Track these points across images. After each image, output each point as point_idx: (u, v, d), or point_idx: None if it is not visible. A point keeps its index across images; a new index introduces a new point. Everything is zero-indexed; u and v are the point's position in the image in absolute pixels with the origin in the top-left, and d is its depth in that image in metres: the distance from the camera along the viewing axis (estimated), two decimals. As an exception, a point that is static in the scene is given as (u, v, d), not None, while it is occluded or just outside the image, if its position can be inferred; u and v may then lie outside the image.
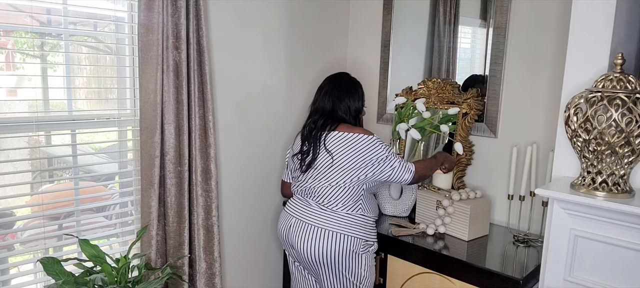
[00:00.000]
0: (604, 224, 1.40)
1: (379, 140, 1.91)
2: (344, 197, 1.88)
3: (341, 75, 2.08)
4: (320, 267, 1.90)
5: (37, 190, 1.89)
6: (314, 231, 1.87)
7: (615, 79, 1.36)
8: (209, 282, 2.11)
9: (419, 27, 2.49)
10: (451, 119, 2.25)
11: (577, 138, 1.42)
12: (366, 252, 1.93)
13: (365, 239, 1.91)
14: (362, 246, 1.90)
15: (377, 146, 1.89)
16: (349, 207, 1.88)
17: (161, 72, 1.87)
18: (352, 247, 1.87)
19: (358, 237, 1.89)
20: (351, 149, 1.87)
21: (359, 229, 1.89)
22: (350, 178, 1.87)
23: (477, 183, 2.27)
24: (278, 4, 2.36)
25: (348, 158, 1.87)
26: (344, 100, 1.99)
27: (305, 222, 1.90)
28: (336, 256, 1.86)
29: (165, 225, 2.01)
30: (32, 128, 1.76)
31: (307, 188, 1.93)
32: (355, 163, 1.87)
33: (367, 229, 1.93)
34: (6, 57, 1.82)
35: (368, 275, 1.94)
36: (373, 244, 1.96)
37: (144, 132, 1.90)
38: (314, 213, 1.89)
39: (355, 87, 2.05)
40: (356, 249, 1.88)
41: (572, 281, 1.48)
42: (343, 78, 2.06)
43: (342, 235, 1.86)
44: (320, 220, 1.87)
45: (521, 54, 2.10)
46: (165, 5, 1.84)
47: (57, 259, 1.61)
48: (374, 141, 1.89)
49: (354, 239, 1.88)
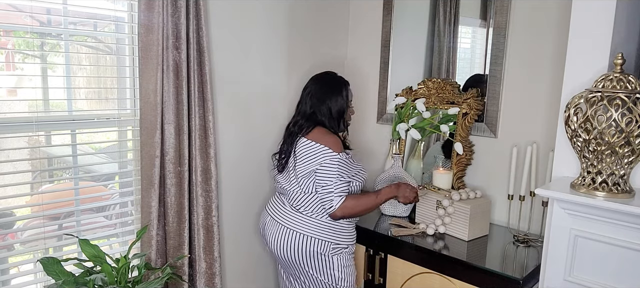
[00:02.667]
0: (603, 224, 1.40)
1: (339, 159, 1.85)
2: (310, 201, 1.90)
3: (325, 75, 2.06)
4: (292, 267, 1.96)
5: (37, 190, 1.89)
6: (284, 231, 1.93)
7: (615, 79, 1.36)
8: (209, 282, 2.11)
9: (419, 27, 2.49)
10: (451, 118, 2.25)
11: (577, 138, 1.42)
12: (338, 254, 1.93)
13: (335, 242, 1.92)
14: (331, 248, 1.91)
15: (334, 163, 1.84)
16: (315, 211, 1.91)
17: (161, 72, 1.87)
18: (318, 249, 1.89)
19: (325, 239, 1.90)
20: (311, 158, 1.87)
21: (326, 232, 1.90)
22: (307, 185, 1.89)
23: (477, 183, 2.27)
24: (278, 4, 2.36)
25: (306, 166, 1.88)
26: (325, 102, 1.97)
27: (277, 222, 1.96)
28: (303, 257, 1.90)
29: (165, 225, 2.01)
30: (32, 128, 1.76)
31: (281, 188, 1.99)
32: (311, 171, 1.87)
33: (337, 232, 1.92)
34: (6, 57, 1.82)
35: (345, 276, 1.94)
36: (347, 246, 1.96)
37: (144, 132, 1.90)
38: (286, 213, 1.95)
39: (339, 87, 2.01)
40: (324, 251, 1.90)
41: (572, 281, 1.48)
42: (326, 78, 2.04)
43: (307, 237, 1.88)
44: (289, 221, 1.92)
45: (521, 54, 2.10)
46: (165, 5, 1.84)
47: (57, 259, 1.61)
48: (334, 157, 1.84)
49: (320, 241, 1.89)
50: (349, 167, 1.90)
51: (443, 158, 2.32)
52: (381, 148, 2.65)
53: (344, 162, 1.87)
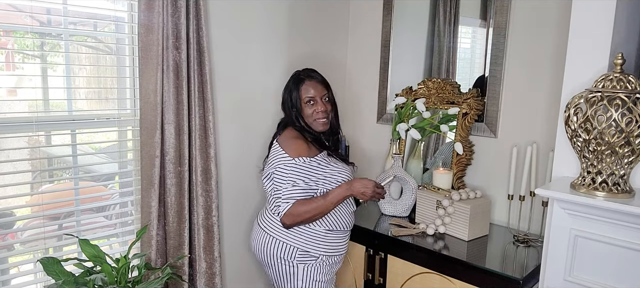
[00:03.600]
0: (603, 224, 1.40)
1: (293, 164, 1.78)
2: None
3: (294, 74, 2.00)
4: (265, 269, 1.94)
5: (37, 190, 1.89)
6: (257, 232, 1.93)
7: (615, 79, 1.36)
8: (209, 282, 2.11)
9: (419, 27, 2.49)
10: (451, 118, 2.25)
11: (577, 138, 1.42)
12: (304, 263, 1.83)
13: (302, 249, 1.82)
14: (298, 255, 1.82)
15: (287, 168, 1.78)
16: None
17: (161, 72, 1.87)
18: (282, 254, 1.83)
19: (289, 243, 1.82)
20: (271, 161, 1.86)
21: (295, 238, 1.82)
22: (270, 188, 1.88)
23: (477, 183, 2.27)
24: (278, 4, 2.36)
25: (267, 170, 1.88)
26: (283, 102, 1.97)
27: (256, 223, 1.97)
28: (268, 259, 1.87)
29: (165, 225, 2.01)
30: (32, 128, 1.76)
31: (265, 190, 1.96)
32: (269, 174, 1.86)
33: (305, 238, 1.82)
34: (6, 57, 1.82)
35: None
36: (319, 256, 1.84)
37: (144, 132, 1.90)
38: (263, 215, 1.94)
39: (288, 84, 1.96)
40: (287, 257, 1.82)
41: (572, 281, 1.48)
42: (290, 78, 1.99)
43: (272, 239, 1.85)
44: (263, 222, 1.92)
45: (521, 54, 2.10)
46: (165, 5, 1.84)
47: (57, 259, 1.61)
48: (288, 162, 1.78)
49: (284, 245, 1.82)
50: (310, 172, 1.79)
51: (443, 158, 2.32)
52: (381, 148, 2.65)
53: (301, 167, 1.78)
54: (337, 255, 1.92)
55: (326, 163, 1.85)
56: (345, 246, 1.96)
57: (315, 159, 1.82)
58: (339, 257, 1.94)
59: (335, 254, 1.91)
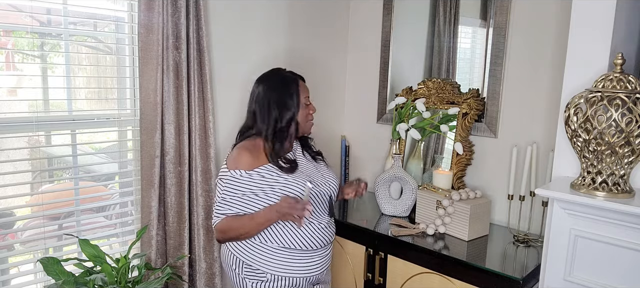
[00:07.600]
0: (603, 224, 1.40)
1: (230, 177, 1.61)
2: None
3: (272, 74, 1.78)
4: None
5: (37, 190, 1.89)
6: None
7: (615, 79, 1.36)
8: (209, 282, 2.11)
9: (419, 27, 2.49)
10: (451, 118, 2.25)
11: (577, 138, 1.42)
12: (253, 280, 1.66)
13: (249, 264, 1.66)
14: (244, 268, 1.67)
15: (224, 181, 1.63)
16: None
17: (161, 72, 1.87)
18: (231, 263, 1.71)
19: (236, 256, 1.68)
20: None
21: (240, 249, 1.68)
22: None
23: (477, 183, 2.27)
24: (278, 4, 2.36)
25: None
26: (271, 108, 1.69)
27: None
28: (225, 267, 1.77)
29: (165, 225, 2.01)
30: (32, 128, 1.76)
31: None
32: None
33: (254, 254, 1.65)
34: (6, 57, 1.82)
35: None
36: (271, 276, 1.64)
37: (144, 132, 1.90)
38: None
39: (288, 87, 1.71)
40: (236, 269, 1.69)
41: (572, 281, 1.48)
42: (274, 78, 1.76)
43: (225, 247, 1.74)
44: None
45: (521, 54, 2.10)
46: (165, 5, 1.84)
47: (57, 259, 1.61)
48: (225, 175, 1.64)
49: (234, 257, 1.69)
50: (251, 185, 1.61)
51: (443, 158, 2.32)
52: (381, 148, 2.65)
53: (238, 180, 1.60)
54: (300, 277, 1.68)
55: (270, 176, 1.63)
56: (317, 268, 1.72)
57: (256, 171, 1.61)
58: (304, 280, 1.69)
59: (297, 276, 1.67)
